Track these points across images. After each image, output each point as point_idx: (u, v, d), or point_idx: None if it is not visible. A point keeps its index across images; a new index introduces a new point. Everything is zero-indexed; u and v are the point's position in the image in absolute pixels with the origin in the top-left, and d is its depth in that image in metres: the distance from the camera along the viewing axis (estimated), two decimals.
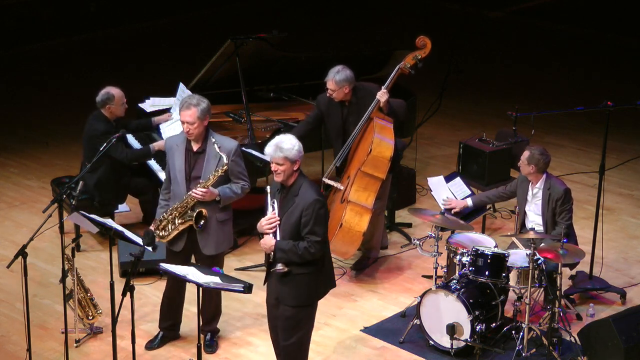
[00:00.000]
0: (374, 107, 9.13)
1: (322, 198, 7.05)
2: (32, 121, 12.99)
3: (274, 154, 6.98)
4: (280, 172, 7.01)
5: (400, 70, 9.25)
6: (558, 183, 8.71)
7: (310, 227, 6.98)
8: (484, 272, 8.21)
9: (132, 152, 9.73)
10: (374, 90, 9.15)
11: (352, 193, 9.02)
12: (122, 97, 9.55)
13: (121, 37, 16.18)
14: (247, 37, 9.94)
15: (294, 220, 7.02)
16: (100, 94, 9.51)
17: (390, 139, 9.09)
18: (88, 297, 8.49)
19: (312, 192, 7.01)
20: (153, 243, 7.77)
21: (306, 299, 7.20)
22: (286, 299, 7.21)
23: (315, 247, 7.00)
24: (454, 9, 17.10)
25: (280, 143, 6.98)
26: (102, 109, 9.49)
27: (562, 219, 8.61)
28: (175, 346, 8.45)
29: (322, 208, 7.01)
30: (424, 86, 12.03)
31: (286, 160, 6.96)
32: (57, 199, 7.74)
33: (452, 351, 8.23)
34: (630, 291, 9.25)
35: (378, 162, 9.02)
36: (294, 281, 7.13)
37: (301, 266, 7.08)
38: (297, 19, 17.26)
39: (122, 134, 8.89)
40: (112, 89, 9.53)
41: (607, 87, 14.05)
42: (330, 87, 9.12)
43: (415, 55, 9.29)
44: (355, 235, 9.00)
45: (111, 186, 9.65)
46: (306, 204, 6.97)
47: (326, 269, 7.27)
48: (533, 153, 8.65)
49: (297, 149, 6.99)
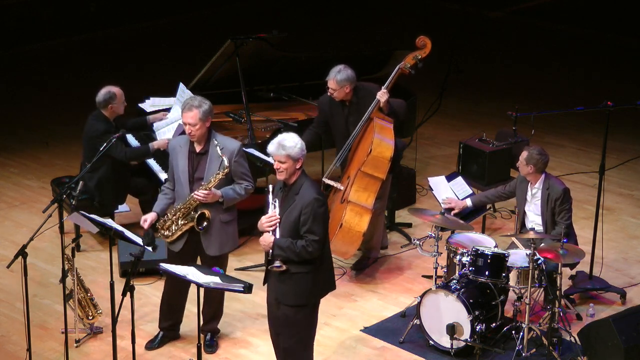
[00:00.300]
0: (374, 107, 9.13)
1: (322, 197, 7.04)
2: (32, 121, 12.99)
3: (277, 152, 6.98)
4: (283, 170, 7.01)
5: (400, 70, 9.26)
6: (557, 183, 8.71)
7: (308, 226, 6.98)
8: (484, 272, 8.21)
9: (131, 151, 9.73)
10: (374, 90, 9.15)
11: (352, 193, 9.02)
12: (122, 95, 9.59)
13: (121, 37, 16.18)
14: (247, 37, 9.95)
15: (294, 218, 7.02)
16: (101, 93, 9.50)
17: (390, 139, 9.09)
18: (88, 297, 8.49)
19: (312, 190, 7.01)
20: (153, 243, 7.77)
21: (305, 299, 7.19)
22: (285, 298, 7.20)
23: (313, 246, 6.98)
24: (454, 9, 17.11)
25: (283, 141, 6.99)
26: (104, 109, 9.49)
27: (561, 218, 8.61)
28: (175, 346, 8.45)
29: (322, 207, 7.00)
30: (424, 86, 12.04)
31: (288, 158, 6.97)
32: (57, 199, 7.74)
33: (452, 351, 8.23)
34: (630, 291, 9.26)
35: (378, 162, 9.02)
36: (292, 280, 7.12)
37: (299, 265, 7.07)
38: (297, 19, 17.26)
39: (122, 134, 8.89)
40: (113, 87, 9.53)
41: (607, 87, 14.05)
42: (332, 86, 9.12)
43: (415, 55, 9.29)
44: (355, 235, 9.00)
45: (111, 186, 9.65)
46: (305, 202, 6.97)
47: (325, 270, 7.26)
48: (531, 153, 8.65)
49: (299, 147, 7.00)
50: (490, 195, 9.24)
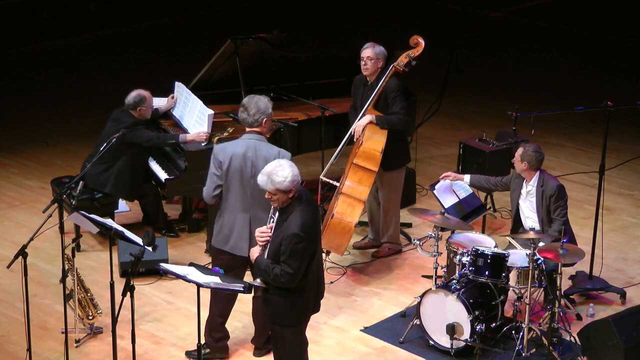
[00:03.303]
0: (370, 104, 9.19)
1: (303, 233, 6.82)
2: (32, 121, 12.98)
3: (265, 186, 6.84)
4: (275, 200, 6.91)
5: (394, 68, 9.32)
6: (551, 180, 8.71)
7: (285, 258, 6.84)
8: (484, 272, 8.21)
9: (158, 136, 9.71)
10: (390, 85, 9.25)
11: (345, 186, 9.05)
12: (152, 99, 9.68)
13: (121, 37, 16.17)
14: (247, 37, 9.95)
15: (278, 243, 6.90)
16: (132, 95, 9.58)
17: (380, 135, 9.14)
18: (88, 297, 8.49)
19: (296, 223, 6.83)
20: (153, 243, 7.76)
21: (283, 319, 7.06)
22: (266, 312, 7.15)
23: (286, 277, 6.83)
24: (454, 9, 17.10)
25: (272, 175, 6.80)
26: (132, 111, 9.54)
27: (557, 215, 8.62)
28: (175, 346, 8.45)
29: (300, 243, 6.80)
30: (424, 86, 12.04)
31: (278, 191, 6.84)
32: (57, 199, 7.74)
33: (452, 351, 8.23)
34: (630, 291, 9.26)
35: (369, 154, 9.05)
36: (272, 298, 7.04)
37: (276, 288, 6.97)
38: (297, 19, 17.26)
39: (123, 134, 8.89)
40: (143, 91, 9.62)
41: (607, 87, 14.05)
42: (369, 54, 9.21)
43: (408, 54, 9.39)
44: (347, 226, 8.94)
45: (126, 181, 9.66)
46: (286, 234, 6.83)
47: (307, 298, 7.06)
48: (526, 150, 8.66)
49: (289, 180, 6.80)
50: (489, 181, 9.16)
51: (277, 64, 10.43)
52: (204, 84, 10.30)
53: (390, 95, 9.26)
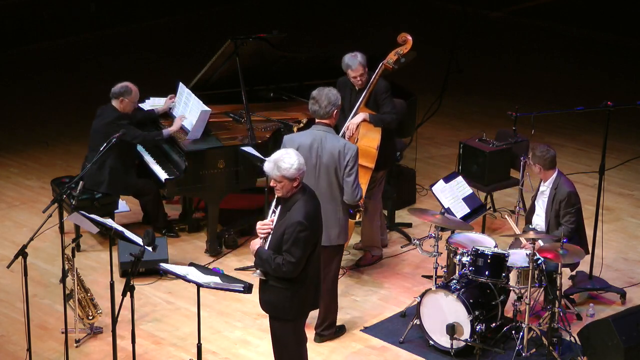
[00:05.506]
0: (361, 103, 9.18)
1: (308, 221, 6.87)
2: (32, 121, 12.98)
3: (272, 172, 6.87)
4: (279, 189, 6.93)
5: (383, 65, 9.32)
6: (566, 184, 8.66)
7: (287, 247, 6.86)
8: (484, 272, 8.21)
9: (144, 134, 9.73)
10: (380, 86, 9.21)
11: None
12: (137, 95, 9.70)
13: (121, 37, 16.17)
14: (247, 37, 9.95)
15: (280, 233, 6.91)
16: (118, 85, 9.66)
17: (375, 132, 9.12)
18: (88, 297, 8.49)
19: (300, 212, 6.86)
20: (153, 243, 7.76)
21: (281, 312, 7.07)
22: (265, 306, 7.16)
23: (287, 267, 6.85)
24: (454, 9, 17.09)
25: (279, 161, 6.86)
26: (115, 100, 9.56)
27: (566, 221, 8.58)
28: (175, 346, 8.45)
29: (303, 231, 6.83)
30: (424, 86, 12.04)
31: (284, 178, 6.86)
32: (57, 199, 7.75)
33: (452, 351, 8.23)
34: (630, 291, 9.26)
35: (365, 151, 9.04)
36: (271, 291, 7.04)
37: (277, 279, 6.98)
38: (297, 19, 17.26)
39: (123, 133, 8.90)
40: (131, 84, 9.67)
41: (607, 87, 14.05)
42: (360, 72, 9.14)
43: (397, 51, 9.40)
44: None
45: (121, 176, 9.68)
46: (290, 223, 6.85)
47: (307, 290, 7.07)
48: (533, 152, 8.67)
49: (295, 167, 6.85)
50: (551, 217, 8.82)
51: (277, 64, 10.43)
52: (204, 84, 10.30)
53: (380, 97, 9.24)
